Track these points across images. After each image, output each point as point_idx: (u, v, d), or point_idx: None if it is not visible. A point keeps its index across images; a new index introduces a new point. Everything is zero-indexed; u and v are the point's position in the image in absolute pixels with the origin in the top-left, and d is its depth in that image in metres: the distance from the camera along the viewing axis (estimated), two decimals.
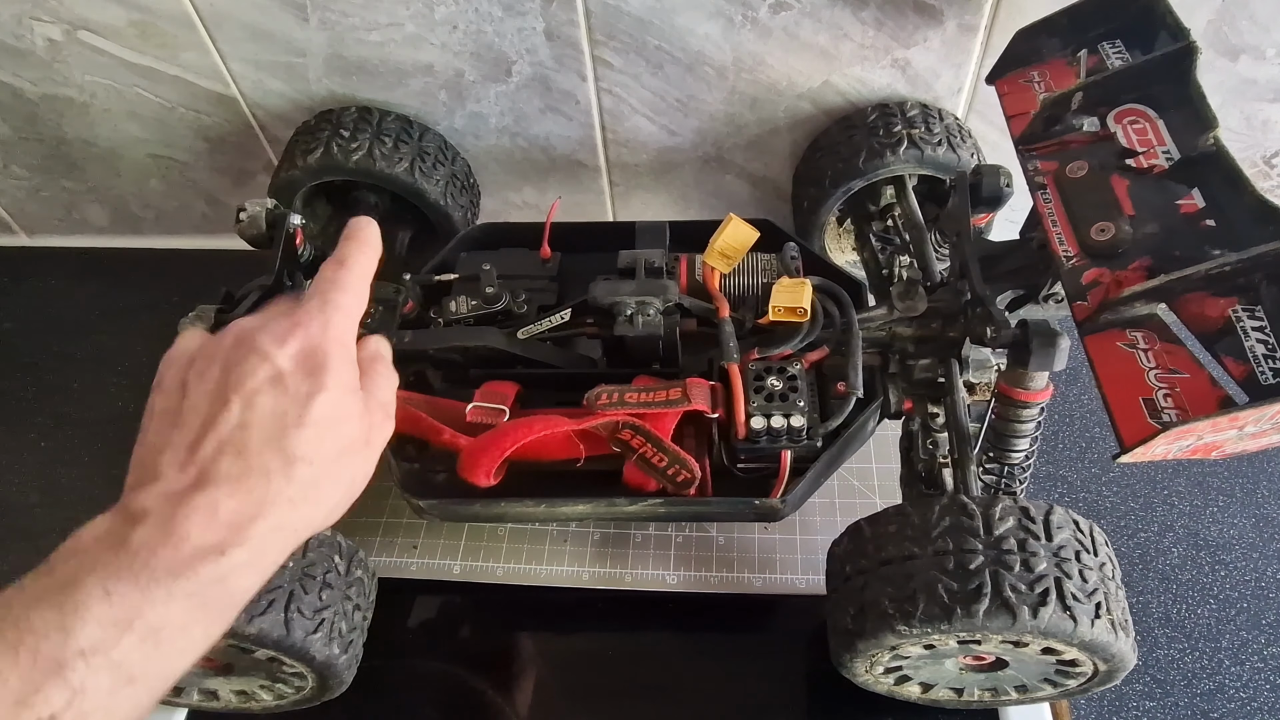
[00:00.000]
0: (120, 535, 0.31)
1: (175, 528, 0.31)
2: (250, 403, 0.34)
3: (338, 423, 0.36)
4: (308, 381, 0.35)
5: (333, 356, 0.36)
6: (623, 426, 0.49)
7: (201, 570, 0.31)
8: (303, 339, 0.36)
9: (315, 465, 0.34)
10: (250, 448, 0.33)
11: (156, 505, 0.32)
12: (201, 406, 0.34)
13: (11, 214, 0.87)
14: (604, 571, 0.60)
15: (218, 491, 0.32)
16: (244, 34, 0.66)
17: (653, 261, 0.55)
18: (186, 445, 0.34)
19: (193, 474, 0.33)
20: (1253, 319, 0.38)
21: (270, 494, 0.33)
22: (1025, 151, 0.50)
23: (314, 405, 0.35)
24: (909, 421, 0.53)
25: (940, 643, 0.43)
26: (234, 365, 0.35)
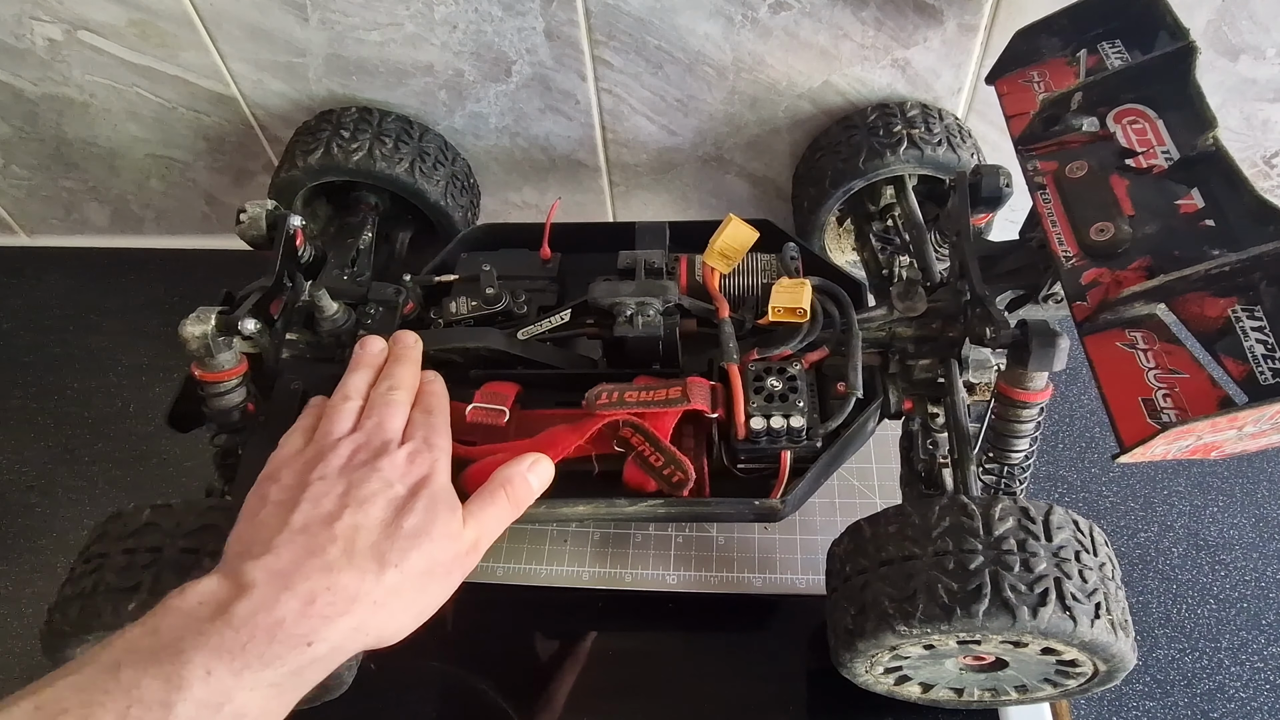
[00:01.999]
0: (225, 607, 0.34)
1: (276, 609, 0.34)
2: (366, 512, 0.39)
3: (429, 540, 0.39)
4: (411, 500, 0.40)
5: (435, 483, 0.41)
6: (623, 425, 0.49)
7: (289, 660, 0.34)
8: (417, 471, 0.41)
9: (403, 574, 0.38)
10: (357, 546, 0.37)
11: (263, 580, 0.35)
12: (323, 503, 0.39)
13: (11, 214, 0.87)
14: (604, 571, 0.60)
15: (320, 581, 0.36)
16: (244, 34, 0.66)
17: (653, 262, 0.55)
18: (302, 528, 0.38)
19: (302, 559, 0.36)
20: (1252, 319, 0.38)
21: (361, 592, 0.36)
22: (1025, 151, 0.50)
23: (410, 518, 0.39)
24: (909, 421, 0.53)
25: (940, 643, 0.43)
26: (359, 481, 0.40)
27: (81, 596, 0.42)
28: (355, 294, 0.56)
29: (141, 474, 0.70)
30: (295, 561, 0.36)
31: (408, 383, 0.47)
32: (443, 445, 0.44)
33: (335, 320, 0.54)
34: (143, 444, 0.72)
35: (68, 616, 0.42)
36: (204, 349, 0.49)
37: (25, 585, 0.65)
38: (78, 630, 0.43)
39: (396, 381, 0.47)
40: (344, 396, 0.46)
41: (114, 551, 0.43)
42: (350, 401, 0.45)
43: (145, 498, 0.46)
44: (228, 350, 0.50)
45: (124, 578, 0.42)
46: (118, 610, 0.41)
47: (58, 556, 0.66)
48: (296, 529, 0.37)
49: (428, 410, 0.46)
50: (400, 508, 0.39)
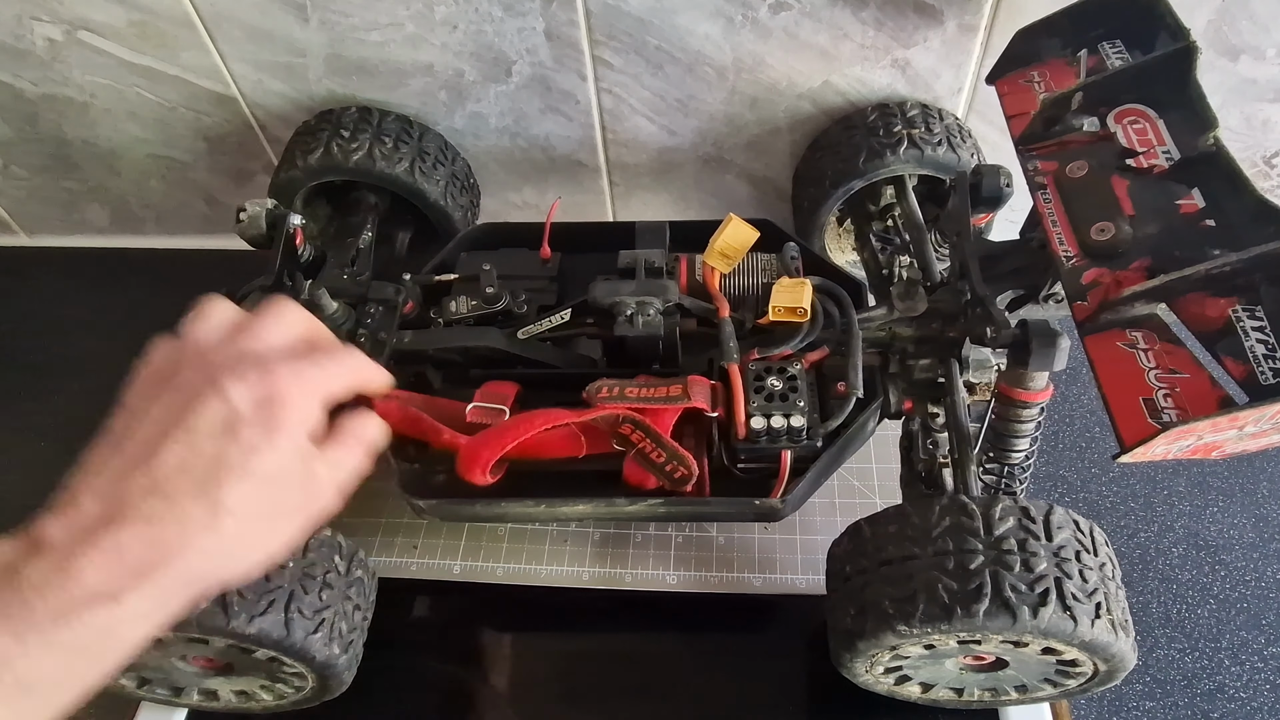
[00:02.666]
0: (14, 568, 0.30)
1: (71, 566, 0.30)
2: (193, 444, 0.33)
3: (279, 485, 0.34)
4: (259, 433, 0.34)
5: (292, 411, 0.35)
6: (623, 421, 0.49)
7: (89, 619, 0.30)
8: (268, 386, 0.34)
9: (243, 522, 0.33)
10: (179, 492, 0.32)
11: (60, 538, 0.31)
12: (147, 436, 0.33)
13: (11, 214, 0.87)
14: (604, 571, 0.60)
15: (127, 532, 0.31)
16: (244, 34, 0.66)
17: (653, 261, 0.55)
18: (115, 475, 0.32)
19: (108, 508, 0.31)
20: (1253, 319, 0.38)
21: (184, 543, 0.32)
22: (1025, 151, 0.50)
23: (258, 460, 0.33)
24: (909, 421, 0.53)
25: (940, 643, 0.43)
26: (191, 399, 0.34)
27: None
28: (355, 293, 0.56)
29: None
30: (102, 511, 0.31)
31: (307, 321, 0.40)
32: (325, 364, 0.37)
33: (335, 319, 0.54)
34: None
35: None
36: None
37: None
38: None
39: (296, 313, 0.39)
40: (215, 307, 0.38)
41: None
42: (229, 306, 0.38)
43: None
44: None
45: None
46: None
47: None
48: (112, 471, 0.32)
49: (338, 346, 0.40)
50: (240, 439, 0.33)
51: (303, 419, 0.36)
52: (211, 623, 0.41)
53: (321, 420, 0.37)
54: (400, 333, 0.53)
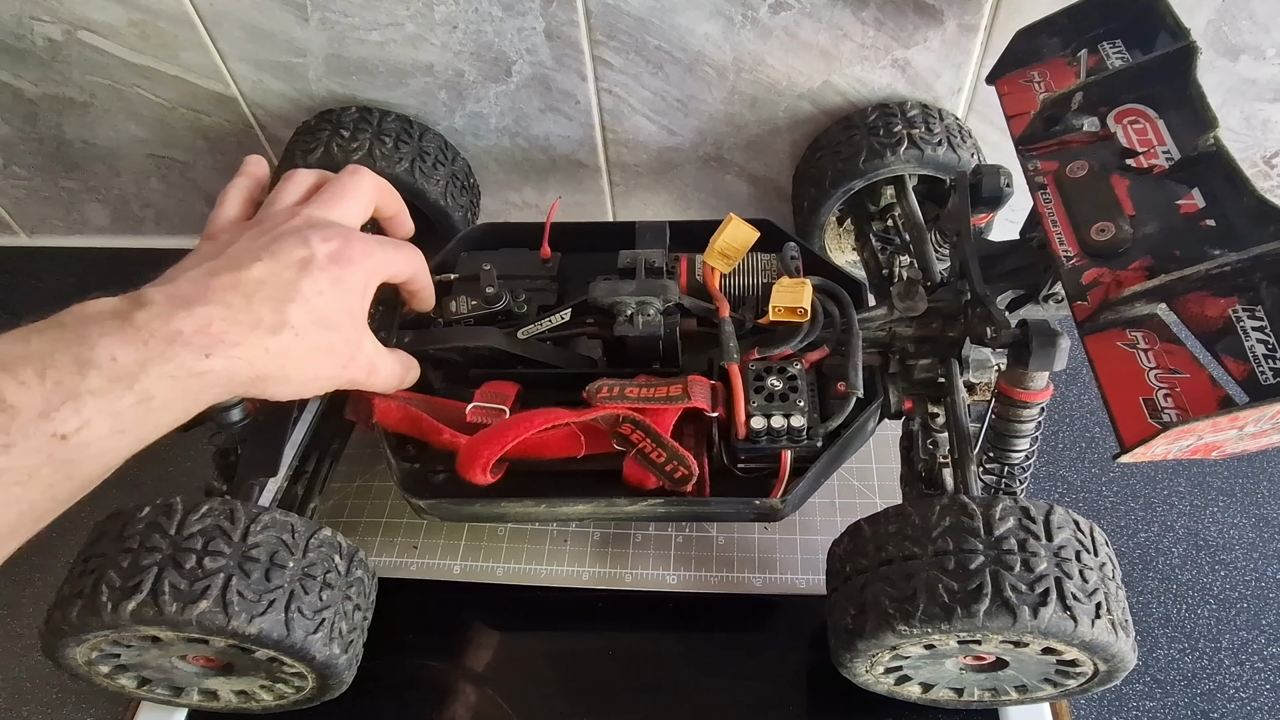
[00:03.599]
0: (126, 313, 0.36)
1: (172, 320, 0.36)
2: (275, 268, 0.40)
3: (330, 327, 0.41)
4: (326, 279, 0.41)
5: (357, 274, 0.43)
6: (623, 420, 0.49)
7: (188, 362, 0.36)
8: (343, 248, 0.42)
9: (299, 338, 0.40)
10: (256, 297, 0.39)
11: (161, 300, 0.37)
12: (237, 255, 0.40)
13: (11, 214, 0.87)
14: (604, 571, 0.60)
15: (215, 311, 0.38)
16: (244, 34, 0.66)
17: (653, 261, 0.55)
18: (209, 272, 0.39)
19: (201, 290, 0.38)
20: (1253, 319, 0.38)
21: (254, 336, 0.38)
22: (1025, 151, 0.50)
23: (320, 299, 0.41)
24: (909, 421, 0.53)
25: (940, 643, 0.43)
26: (280, 237, 0.41)
27: (81, 596, 0.42)
28: None
29: (141, 474, 0.70)
30: (195, 293, 0.38)
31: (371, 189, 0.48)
32: (394, 254, 0.47)
33: None
34: None
35: (67, 616, 0.42)
36: None
37: (25, 585, 0.65)
38: (77, 630, 0.43)
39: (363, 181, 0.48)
40: (298, 174, 0.47)
41: (114, 551, 0.43)
42: (306, 179, 0.47)
43: (145, 497, 0.46)
44: None
45: (124, 577, 0.42)
46: (117, 609, 0.41)
47: (58, 556, 0.66)
48: (204, 271, 0.39)
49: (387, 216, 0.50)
50: (311, 273, 0.41)
51: (364, 285, 0.43)
52: (212, 622, 0.41)
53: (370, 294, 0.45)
54: (400, 333, 0.53)
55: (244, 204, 0.47)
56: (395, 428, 0.52)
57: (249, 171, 0.49)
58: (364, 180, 0.48)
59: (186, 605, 0.41)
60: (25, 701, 0.58)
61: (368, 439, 0.60)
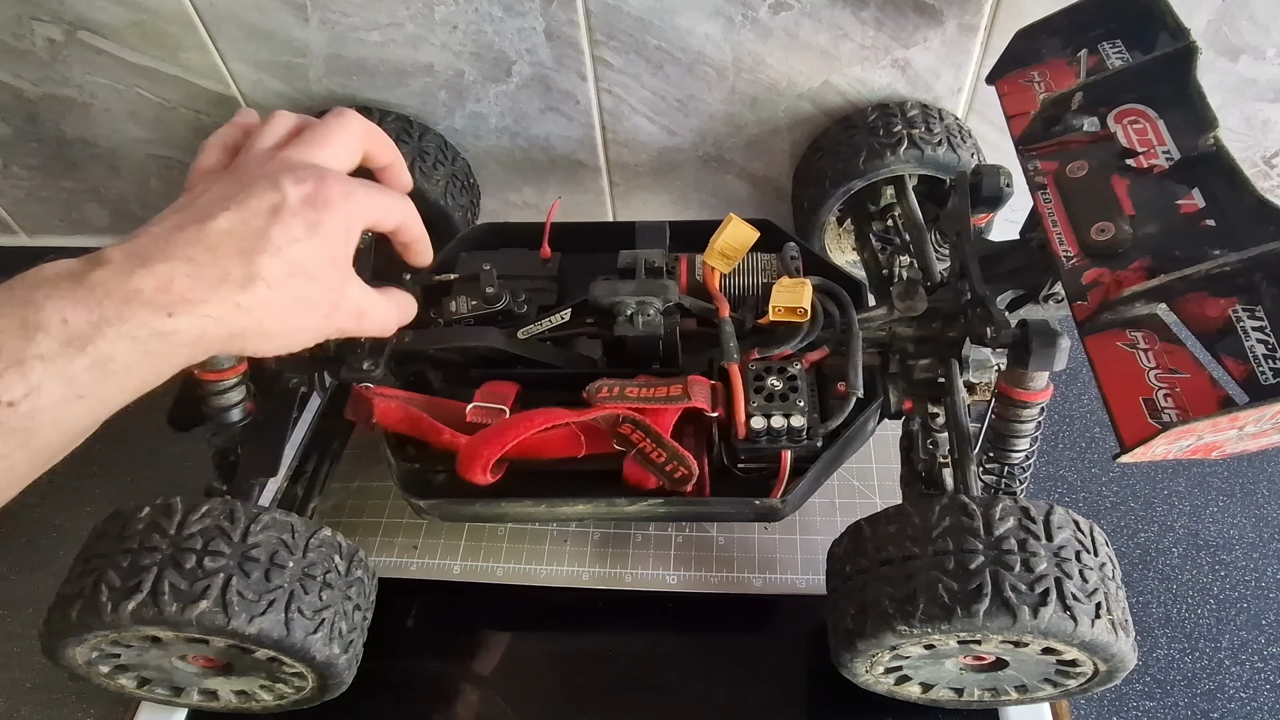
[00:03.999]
0: (80, 274, 0.34)
1: (130, 279, 0.34)
2: (243, 218, 0.37)
3: (309, 276, 0.38)
4: (300, 225, 0.38)
5: (335, 217, 0.39)
6: (623, 421, 0.49)
7: (149, 322, 0.34)
8: (317, 190, 0.39)
9: (272, 291, 0.37)
10: (223, 249, 0.36)
11: (120, 258, 0.35)
12: (204, 206, 0.38)
13: (11, 214, 0.87)
14: (604, 571, 0.60)
15: (177, 267, 0.35)
16: (244, 34, 0.66)
17: (653, 261, 0.55)
18: (173, 226, 0.37)
19: (162, 245, 0.36)
20: (1253, 319, 0.38)
21: (221, 292, 0.36)
22: (1025, 151, 0.50)
23: (294, 246, 0.38)
24: (909, 421, 0.53)
25: (940, 643, 0.43)
26: (250, 184, 0.38)
27: (81, 596, 0.42)
28: None
29: (141, 473, 0.70)
30: (156, 248, 0.36)
31: (359, 131, 0.44)
32: (379, 195, 0.43)
33: None
34: (142, 444, 0.72)
35: (67, 616, 0.42)
36: None
37: (25, 585, 0.65)
38: (77, 630, 0.43)
39: (349, 124, 0.44)
40: (280, 116, 0.44)
41: (114, 551, 0.43)
42: (288, 120, 0.43)
43: (145, 497, 0.46)
44: None
45: (124, 577, 0.42)
46: (117, 609, 0.41)
47: (58, 556, 0.66)
48: (168, 226, 0.37)
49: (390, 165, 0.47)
50: (283, 219, 0.38)
51: (345, 229, 0.40)
52: (212, 622, 0.41)
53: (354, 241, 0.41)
54: (400, 332, 0.53)
55: (224, 152, 0.43)
56: (395, 428, 0.51)
57: (235, 121, 0.45)
58: (350, 122, 0.44)
59: (186, 605, 0.41)
60: (25, 701, 0.58)
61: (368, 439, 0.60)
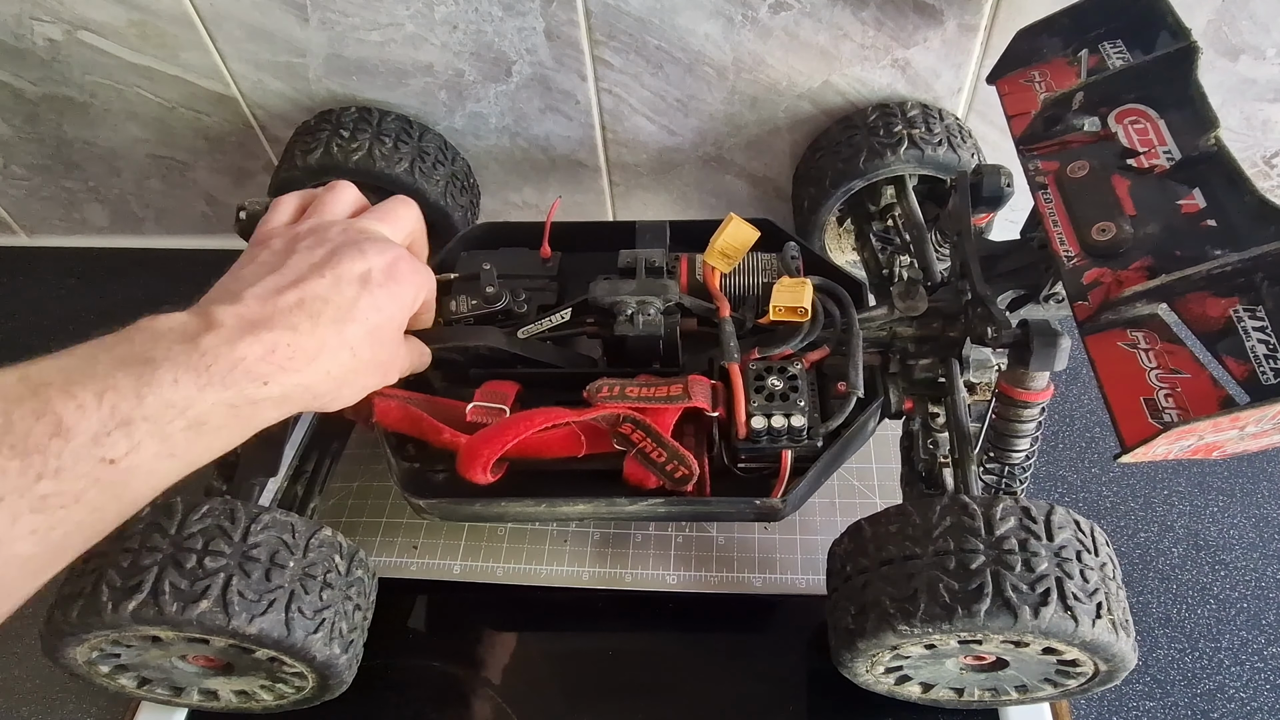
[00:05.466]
0: (194, 335, 0.36)
1: (238, 346, 0.37)
2: (338, 284, 0.41)
3: (380, 343, 0.42)
4: (383, 296, 0.42)
5: (407, 290, 0.44)
6: (623, 420, 0.49)
7: (245, 389, 0.37)
8: (395, 264, 0.43)
9: (356, 358, 0.41)
10: (323, 317, 0.39)
11: (231, 322, 0.37)
12: (300, 268, 0.41)
13: (11, 214, 0.87)
14: (604, 571, 0.60)
15: (282, 336, 0.38)
16: (244, 34, 0.66)
17: (653, 261, 0.55)
18: (275, 289, 0.40)
19: (269, 312, 0.38)
20: (1254, 319, 0.38)
21: (319, 359, 0.39)
22: (1026, 151, 0.50)
23: (377, 316, 0.42)
24: (909, 421, 0.53)
25: (941, 642, 0.43)
26: (340, 250, 0.42)
27: (82, 596, 0.42)
28: None
29: None
30: (263, 314, 0.38)
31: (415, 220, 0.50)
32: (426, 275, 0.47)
33: None
34: None
35: (68, 616, 0.42)
36: None
37: None
38: (78, 630, 0.43)
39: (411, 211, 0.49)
40: (346, 186, 0.48)
41: (114, 551, 0.43)
42: (353, 192, 0.48)
43: None
44: None
45: (124, 577, 0.42)
46: (117, 609, 0.41)
47: None
48: (269, 288, 0.40)
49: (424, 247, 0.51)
50: (370, 290, 0.41)
51: (411, 301, 0.45)
52: (212, 622, 0.41)
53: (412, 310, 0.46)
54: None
55: (296, 212, 0.47)
56: (395, 427, 0.51)
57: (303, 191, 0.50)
58: (412, 210, 0.49)
59: (187, 605, 0.41)
60: (25, 701, 0.58)
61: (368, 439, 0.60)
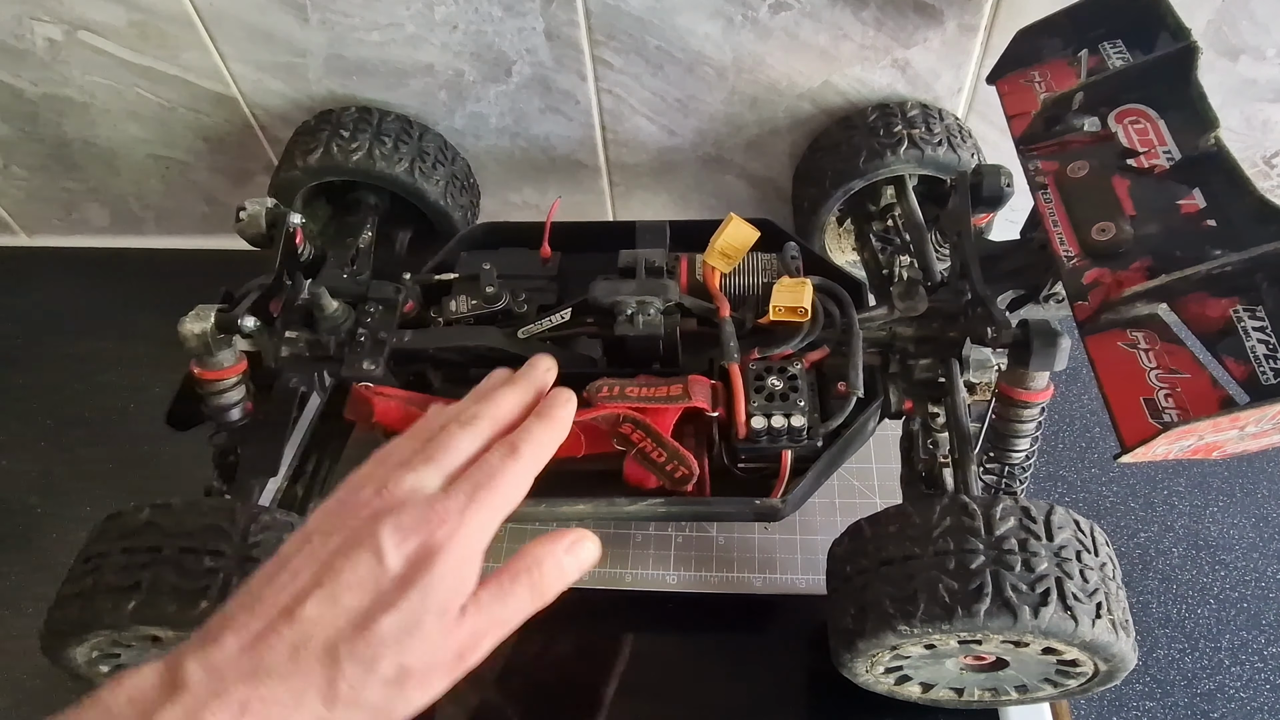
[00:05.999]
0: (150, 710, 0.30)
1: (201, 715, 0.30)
2: (335, 598, 0.32)
3: (401, 649, 0.32)
4: (399, 589, 0.33)
5: (442, 561, 0.33)
6: (623, 420, 0.49)
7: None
8: (425, 538, 0.34)
9: (356, 690, 0.32)
10: (308, 647, 0.32)
11: (199, 679, 0.31)
12: (297, 582, 0.33)
13: (11, 214, 0.87)
14: (604, 571, 0.60)
15: (256, 690, 0.31)
16: (244, 34, 0.66)
17: (653, 261, 0.55)
18: (264, 620, 0.32)
19: (244, 662, 0.31)
20: (1254, 319, 0.38)
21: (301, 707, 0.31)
22: (1026, 151, 0.50)
23: (387, 616, 0.32)
24: (909, 421, 0.53)
25: (941, 642, 0.43)
26: (346, 551, 0.33)
27: (81, 596, 0.42)
28: (355, 293, 0.56)
29: (141, 474, 0.70)
30: (236, 659, 0.31)
31: (502, 412, 0.39)
32: (492, 502, 0.36)
33: (335, 319, 0.54)
34: (143, 444, 0.72)
35: (68, 616, 0.42)
36: (203, 347, 0.49)
37: (25, 585, 0.65)
38: (77, 630, 0.43)
39: (486, 408, 0.38)
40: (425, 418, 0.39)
41: (114, 551, 0.43)
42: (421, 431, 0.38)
43: (145, 497, 0.46)
44: (227, 348, 0.50)
45: (124, 577, 0.42)
46: (117, 609, 0.41)
47: (57, 556, 0.66)
48: (258, 615, 0.32)
49: (512, 447, 0.37)
50: (383, 599, 0.32)
51: (457, 567, 0.34)
52: None
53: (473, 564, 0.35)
54: (400, 332, 0.53)
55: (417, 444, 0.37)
56: (395, 427, 0.51)
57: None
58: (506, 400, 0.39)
59: (186, 605, 0.41)
60: (25, 701, 0.58)
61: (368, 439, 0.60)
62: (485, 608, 0.35)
